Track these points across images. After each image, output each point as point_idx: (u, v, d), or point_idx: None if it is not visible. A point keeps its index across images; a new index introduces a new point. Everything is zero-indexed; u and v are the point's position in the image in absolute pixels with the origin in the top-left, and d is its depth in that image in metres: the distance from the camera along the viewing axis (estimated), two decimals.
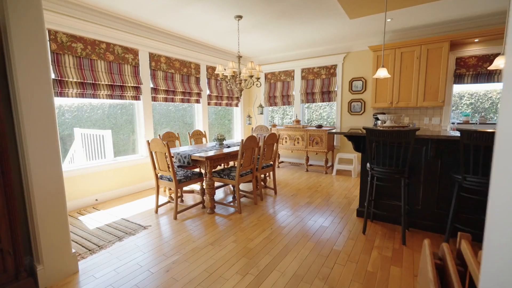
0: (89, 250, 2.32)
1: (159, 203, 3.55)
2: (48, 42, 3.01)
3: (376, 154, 2.41)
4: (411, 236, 2.52)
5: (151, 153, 3.09)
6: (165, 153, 2.90)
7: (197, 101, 5.14)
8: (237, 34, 4.42)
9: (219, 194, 3.98)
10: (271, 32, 4.31)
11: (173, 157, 3.31)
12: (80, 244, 2.43)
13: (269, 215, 3.11)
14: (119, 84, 3.70)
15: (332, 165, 5.51)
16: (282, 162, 6.20)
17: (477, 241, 2.38)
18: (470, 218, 2.38)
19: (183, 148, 3.61)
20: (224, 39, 4.73)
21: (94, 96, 3.48)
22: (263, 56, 6.06)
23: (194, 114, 5.37)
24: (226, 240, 2.51)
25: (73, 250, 2.00)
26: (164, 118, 5.20)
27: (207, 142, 4.80)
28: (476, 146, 2.09)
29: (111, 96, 3.67)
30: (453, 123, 4.32)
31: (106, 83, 3.55)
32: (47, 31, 2.99)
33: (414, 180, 2.66)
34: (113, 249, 2.37)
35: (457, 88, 4.51)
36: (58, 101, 4.04)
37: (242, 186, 4.37)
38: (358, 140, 2.90)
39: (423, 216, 2.64)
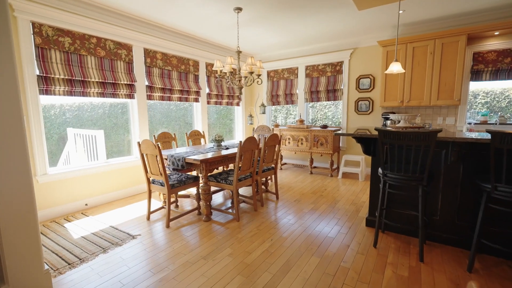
0: (69, 264, 2.09)
1: (153, 209, 3.32)
2: (32, 36, 2.80)
3: (389, 159, 2.14)
4: (429, 251, 2.24)
5: (142, 155, 2.86)
6: (156, 156, 2.66)
7: (196, 100, 4.90)
8: (237, 29, 4.17)
9: (218, 198, 3.74)
10: (273, 26, 4.05)
11: (166, 159, 3.07)
12: (60, 256, 2.20)
13: (269, 224, 2.86)
14: (111, 81, 3.48)
15: (338, 168, 5.23)
16: (285, 164, 5.93)
17: (505, 258, 2.09)
18: (499, 233, 2.09)
19: (179, 150, 3.38)
20: (223, 35, 4.49)
21: (83, 94, 3.26)
22: (265, 53, 5.80)
23: (193, 114, 5.13)
24: (221, 253, 2.26)
25: (46, 267, 1.77)
26: (165, 118, 5.00)
27: (205, 143, 4.56)
28: (510, 151, 1.80)
29: (102, 94, 3.45)
30: (469, 123, 4.01)
31: (97, 80, 3.33)
32: (30, 23, 2.78)
33: (432, 187, 2.37)
34: (95, 262, 2.14)
35: (472, 86, 4.19)
36: (51, 100, 3.84)
37: (242, 190, 4.12)
38: (368, 142, 2.62)
39: (442, 228, 2.36)
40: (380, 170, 2.29)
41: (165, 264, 2.10)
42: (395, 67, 2.65)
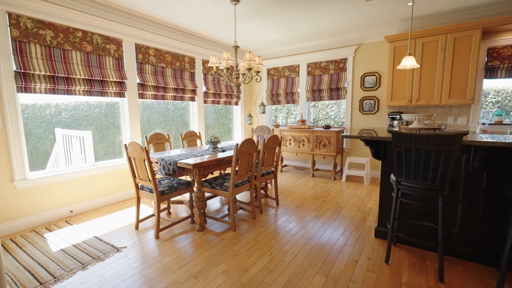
0: (41, 284, 1.84)
1: (143, 216, 3.08)
2: (8, 28, 2.55)
3: (404, 164, 1.89)
4: (449, 268, 1.99)
5: (129, 159, 2.61)
6: (144, 160, 2.42)
7: (192, 99, 4.65)
8: (234, 23, 3.91)
9: (214, 204, 3.49)
10: (272, 21, 3.79)
11: (157, 163, 2.83)
12: (32, 274, 1.96)
13: (269, 234, 2.61)
14: (99, 78, 3.23)
15: (341, 170, 4.98)
16: (286, 165, 5.68)
17: None
18: None
19: (173, 152, 3.13)
20: (221, 30, 4.23)
21: (68, 92, 3.01)
22: (264, 49, 5.54)
23: (189, 113, 4.88)
24: (215, 270, 2.01)
25: None
26: (163, 118, 4.76)
27: (202, 144, 4.31)
28: None
29: (89, 93, 3.21)
30: (483, 124, 3.75)
31: (83, 77, 3.08)
32: (6, 14, 2.53)
33: (451, 196, 2.12)
34: (72, 282, 1.89)
35: (484, 84, 3.94)
36: (30, 98, 3.58)
37: (240, 195, 3.87)
38: (377, 145, 2.37)
39: (462, 241, 2.11)
40: (392, 177, 2.04)
41: (151, 284, 1.86)
42: (409, 62, 2.40)
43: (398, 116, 4.15)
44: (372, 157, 2.70)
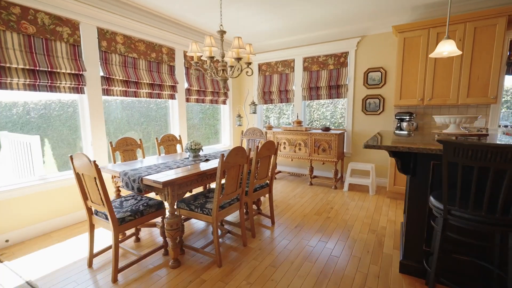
0: None
1: (101, 248, 2.41)
2: None
3: (460, 187, 1.35)
4: None
5: (77, 175, 1.95)
6: (95, 178, 1.76)
7: (171, 97, 3.99)
8: (219, 7, 3.28)
9: (197, 224, 2.86)
10: (263, 7, 3.19)
11: (119, 177, 2.17)
12: None
13: (265, 270, 2.01)
14: (46, 69, 2.53)
15: (342, 177, 4.45)
16: (280, 172, 5.11)
17: None
18: None
19: (145, 162, 2.49)
20: (204, 16, 3.59)
21: (1, 86, 2.30)
22: (255, 42, 4.94)
23: (168, 114, 4.21)
24: None
25: None
26: (144, 118, 4.07)
27: (182, 150, 3.66)
28: None
29: (33, 87, 2.50)
30: (506, 126, 3.31)
31: (22, 66, 2.38)
32: None
33: None
34: None
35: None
36: (11, 96, 2.82)
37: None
38: (406, 156, 1.82)
39: None
40: (435, 202, 1.48)
41: None
42: (447, 47, 1.85)
43: (408, 117, 3.66)
44: (399, 171, 2.16)
